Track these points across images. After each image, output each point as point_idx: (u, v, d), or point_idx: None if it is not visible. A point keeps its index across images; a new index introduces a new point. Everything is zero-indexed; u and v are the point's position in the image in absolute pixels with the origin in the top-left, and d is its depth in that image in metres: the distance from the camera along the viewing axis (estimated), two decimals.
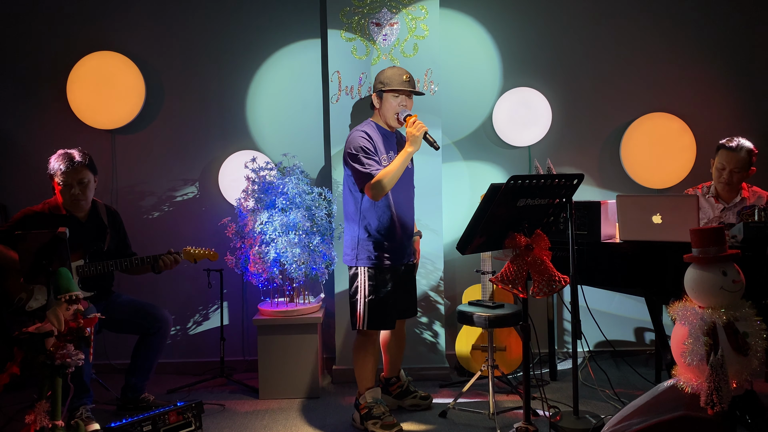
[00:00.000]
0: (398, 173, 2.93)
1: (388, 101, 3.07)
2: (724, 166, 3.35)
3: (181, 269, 3.97)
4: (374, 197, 2.95)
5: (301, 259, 3.44)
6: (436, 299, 3.86)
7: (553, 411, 3.11)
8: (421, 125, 2.93)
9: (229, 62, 4.12)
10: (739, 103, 4.22)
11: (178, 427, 2.86)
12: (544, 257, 2.59)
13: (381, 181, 2.89)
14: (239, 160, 3.85)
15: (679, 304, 2.31)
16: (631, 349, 4.20)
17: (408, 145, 2.94)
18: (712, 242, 2.27)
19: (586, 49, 4.20)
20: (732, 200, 3.41)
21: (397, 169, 2.92)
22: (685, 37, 4.21)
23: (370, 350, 3.11)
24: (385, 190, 2.92)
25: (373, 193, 2.93)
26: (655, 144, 4.08)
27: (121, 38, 4.09)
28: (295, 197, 3.50)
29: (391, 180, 2.91)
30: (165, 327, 3.38)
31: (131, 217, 3.98)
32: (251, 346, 4.08)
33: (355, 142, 2.99)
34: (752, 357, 2.19)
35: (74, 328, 2.34)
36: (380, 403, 3.06)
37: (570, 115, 4.19)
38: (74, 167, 3.19)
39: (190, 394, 3.66)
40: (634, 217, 3.00)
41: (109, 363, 4.03)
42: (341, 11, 3.84)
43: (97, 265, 3.21)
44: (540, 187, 2.54)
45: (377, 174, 2.91)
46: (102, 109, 3.99)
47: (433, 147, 2.98)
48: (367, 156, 2.95)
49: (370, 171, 2.92)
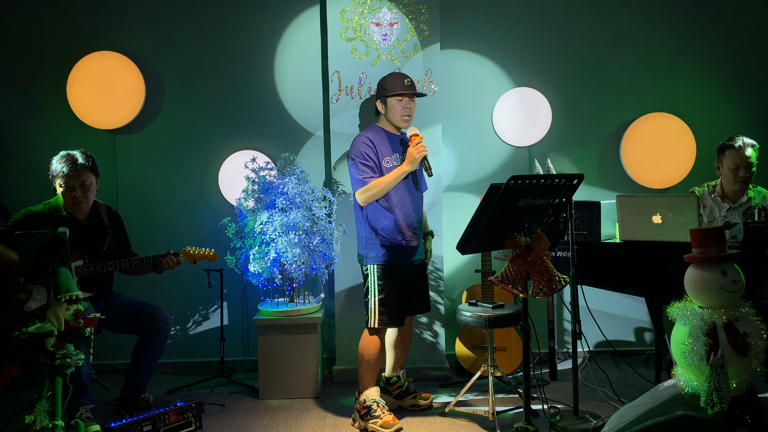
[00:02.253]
0: (388, 186, 3.07)
1: (393, 106, 3.19)
2: (738, 165, 3.32)
3: (181, 269, 3.96)
4: (362, 202, 3.11)
5: (301, 259, 3.44)
6: (436, 299, 3.86)
7: (553, 411, 3.11)
8: (423, 149, 3.06)
9: (229, 62, 4.12)
10: (739, 103, 4.22)
11: (178, 427, 2.86)
12: (544, 257, 2.59)
13: (371, 190, 3.06)
14: (239, 160, 3.85)
15: (679, 304, 2.31)
16: (631, 349, 4.20)
17: (405, 164, 3.08)
18: (712, 242, 2.27)
19: (586, 49, 4.20)
20: (738, 200, 3.40)
21: (389, 183, 3.07)
22: (685, 37, 4.21)
23: (377, 348, 3.14)
24: (372, 199, 3.09)
25: (361, 199, 3.10)
26: (655, 144, 4.08)
27: (121, 38, 4.09)
28: (295, 197, 3.50)
29: (382, 191, 3.06)
30: (165, 327, 3.38)
31: (132, 217, 3.98)
32: (251, 346, 4.09)
33: (356, 148, 3.13)
34: (752, 357, 2.19)
35: (74, 328, 2.33)
36: (380, 402, 3.07)
37: (570, 115, 4.19)
38: (77, 170, 3.18)
39: (190, 394, 3.66)
40: (634, 217, 3.00)
41: (109, 363, 4.03)
42: (341, 11, 3.84)
43: (96, 265, 3.20)
44: (540, 187, 2.55)
45: (369, 182, 3.06)
46: (102, 109, 3.99)
47: (426, 173, 3.09)
48: (364, 163, 3.09)
49: (362, 178, 3.08)
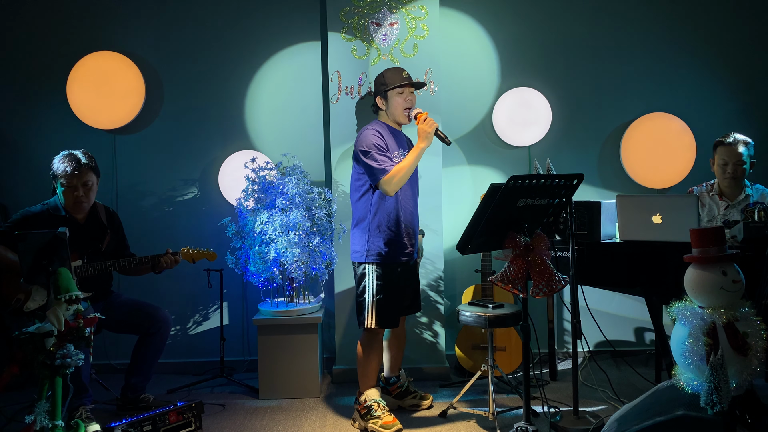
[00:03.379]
0: (411, 169, 2.99)
1: (394, 99, 3.11)
2: (726, 162, 3.36)
3: (181, 269, 3.97)
4: (389, 192, 3.00)
5: (301, 259, 3.44)
6: (436, 299, 3.86)
7: (553, 411, 3.11)
8: (432, 122, 2.99)
9: (229, 62, 4.12)
10: (739, 103, 4.22)
11: (178, 427, 2.86)
12: (544, 257, 2.59)
13: (395, 177, 2.96)
14: (239, 160, 3.85)
15: (679, 304, 2.31)
16: (631, 349, 4.20)
17: (420, 141, 2.99)
18: (712, 242, 2.27)
19: (586, 49, 4.19)
20: (736, 198, 3.40)
21: (411, 165, 2.98)
22: (685, 37, 4.21)
23: (376, 348, 3.13)
24: (399, 185, 2.99)
25: (388, 189, 2.98)
26: (655, 144, 4.08)
27: (121, 38, 4.09)
28: (295, 197, 3.50)
29: (405, 175, 2.98)
30: (165, 327, 3.38)
31: (131, 217, 3.99)
32: (251, 346, 4.08)
33: (367, 140, 3.03)
34: (752, 357, 2.18)
35: (74, 328, 2.34)
36: (380, 402, 3.07)
37: (570, 115, 4.19)
38: (80, 169, 3.18)
39: (190, 394, 3.66)
40: (634, 217, 2.99)
41: (109, 363, 4.03)
42: (341, 11, 3.84)
43: (95, 265, 3.20)
44: (540, 187, 2.55)
45: (391, 170, 2.96)
46: (102, 109, 3.99)
47: (444, 142, 3.02)
48: (381, 152, 3.00)
49: (384, 167, 2.97)
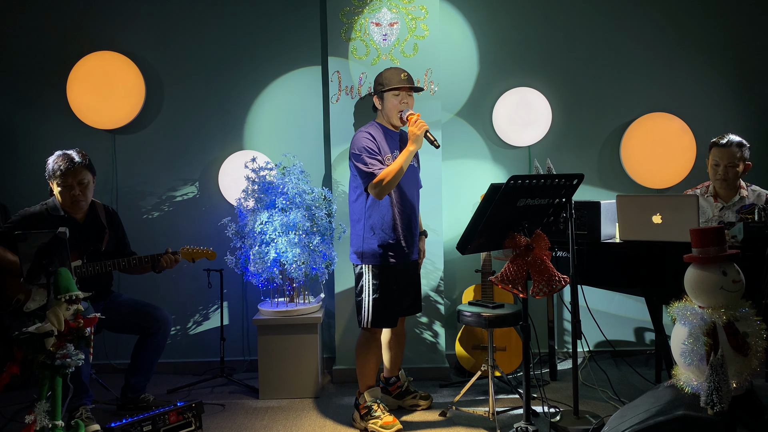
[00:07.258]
0: (401, 172, 2.95)
1: (389, 100, 3.09)
2: (718, 163, 3.37)
3: (181, 269, 3.98)
4: (377, 196, 2.98)
5: (301, 259, 3.44)
6: (436, 299, 3.86)
7: (553, 411, 3.11)
8: (423, 124, 2.96)
9: (229, 62, 4.12)
10: (739, 103, 4.22)
11: (178, 427, 2.86)
12: (544, 257, 2.59)
13: (383, 180, 2.93)
14: (239, 160, 3.85)
15: (679, 304, 2.31)
16: (631, 349, 4.20)
17: (409, 144, 2.96)
18: (712, 242, 2.27)
19: (585, 49, 4.20)
20: (731, 199, 3.40)
21: (400, 168, 2.94)
22: (685, 37, 4.21)
23: (374, 348, 3.12)
24: (387, 189, 2.96)
25: (376, 192, 2.96)
26: (655, 144, 4.08)
27: (121, 38, 4.09)
28: (295, 197, 3.50)
29: (394, 179, 2.94)
30: (165, 327, 3.38)
31: (131, 217, 3.99)
32: (251, 346, 4.08)
33: (359, 143, 3.02)
34: (752, 357, 2.18)
35: (74, 328, 2.34)
36: (380, 402, 3.07)
37: (570, 115, 4.19)
38: (74, 168, 3.18)
39: (190, 394, 3.66)
40: (634, 217, 2.99)
41: (109, 363, 4.03)
42: (341, 11, 3.84)
43: (95, 265, 3.20)
44: (540, 187, 2.54)
45: (379, 173, 2.94)
46: (102, 109, 3.99)
47: (433, 145, 3.00)
48: (371, 156, 2.98)
49: (372, 170, 2.96)
